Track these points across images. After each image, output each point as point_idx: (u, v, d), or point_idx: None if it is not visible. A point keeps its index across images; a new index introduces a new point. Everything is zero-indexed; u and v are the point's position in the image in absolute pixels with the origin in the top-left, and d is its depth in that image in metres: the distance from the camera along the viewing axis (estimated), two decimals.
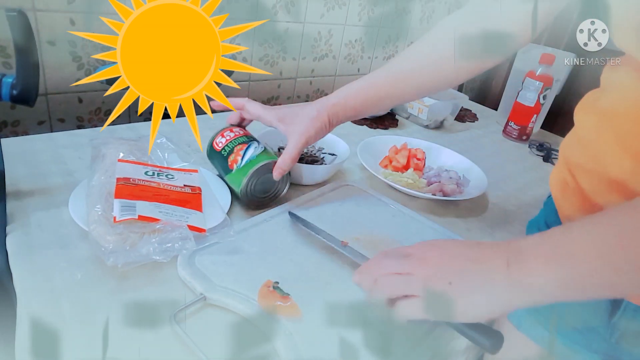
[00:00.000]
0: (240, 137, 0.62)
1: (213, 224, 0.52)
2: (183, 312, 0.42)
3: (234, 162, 0.60)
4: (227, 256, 0.49)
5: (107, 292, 0.44)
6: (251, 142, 0.61)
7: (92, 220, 0.47)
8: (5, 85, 0.48)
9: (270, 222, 0.57)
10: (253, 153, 0.60)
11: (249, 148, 0.60)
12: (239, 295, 0.44)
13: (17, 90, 0.48)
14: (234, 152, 0.60)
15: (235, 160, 0.60)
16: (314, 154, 0.75)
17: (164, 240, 0.47)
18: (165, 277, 0.47)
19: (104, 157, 0.56)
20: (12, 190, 0.56)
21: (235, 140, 0.62)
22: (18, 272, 0.45)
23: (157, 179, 0.56)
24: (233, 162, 0.60)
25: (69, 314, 0.41)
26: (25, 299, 0.42)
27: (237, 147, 0.61)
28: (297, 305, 0.44)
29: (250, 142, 0.61)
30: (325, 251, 0.53)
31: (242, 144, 0.61)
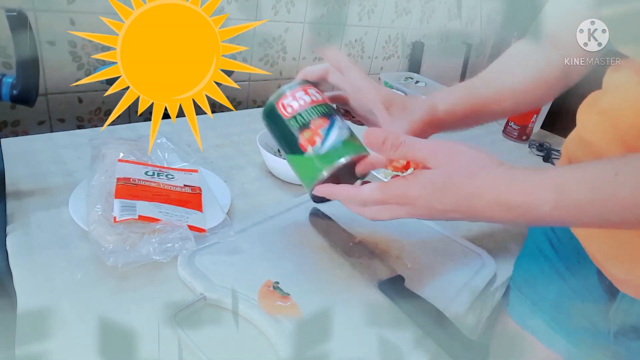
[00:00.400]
0: (320, 106, 0.45)
1: (213, 224, 0.52)
2: (183, 312, 0.42)
3: (310, 142, 0.43)
4: (227, 256, 0.49)
5: (107, 292, 0.44)
6: (334, 118, 0.44)
7: (92, 220, 0.47)
8: (5, 85, 0.48)
9: (270, 222, 0.57)
10: (339, 136, 0.43)
11: (332, 127, 0.43)
12: (239, 295, 0.44)
13: (17, 90, 0.48)
14: (311, 127, 0.43)
15: (311, 140, 0.43)
16: None
17: (164, 240, 0.47)
18: (165, 277, 0.47)
19: (104, 157, 0.56)
20: (12, 190, 0.56)
21: (313, 110, 0.44)
22: (18, 272, 0.45)
23: (157, 179, 0.56)
24: (308, 142, 0.43)
25: (69, 314, 0.41)
26: (25, 299, 0.42)
27: (316, 120, 0.43)
28: (297, 305, 0.44)
29: (333, 118, 0.44)
30: (326, 251, 0.54)
31: (323, 118, 0.44)
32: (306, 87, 0.46)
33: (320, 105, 0.45)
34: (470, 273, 0.55)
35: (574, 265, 0.53)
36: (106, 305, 0.42)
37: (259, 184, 0.69)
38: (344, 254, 0.53)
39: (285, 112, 0.45)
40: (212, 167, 0.69)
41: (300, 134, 0.44)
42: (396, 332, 0.44)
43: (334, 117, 0.44)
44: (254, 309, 0.43)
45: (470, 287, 0.53)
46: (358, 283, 0.50)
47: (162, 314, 0.41)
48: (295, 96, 0.45)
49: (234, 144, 0.82)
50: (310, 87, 0.46)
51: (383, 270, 0.51)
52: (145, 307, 0.42)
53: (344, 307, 0.46)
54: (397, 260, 0.54)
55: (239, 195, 0.65)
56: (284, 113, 0.45)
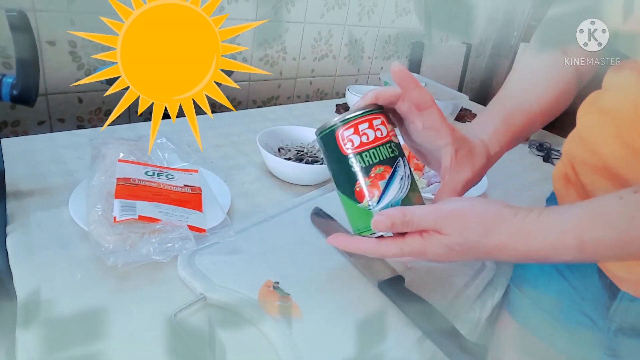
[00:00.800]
0: (384, 146, 0.39)
1: (213, 224, 0.52)
2: (183, 312, 0.42)
3: (369, 195, 0.39)
4: (227, 256, 0.49)
5: (107, 292, 0.44)
6: (397, 165, 0.39)
7: (92, 220, 0.47)
8: (5, 85, 0.48)
9: (270, 222, 0.57)
10: (398, 193, 0.39)
11: (393, 179, 0.39)
12: (239, 295, 0.44)
13: (17, 90, 0.48)
14: (370, 175, 0.39)
15: (370, 193, 0.39)
16: (314, 154, 0.75)
17: (164, 240, 0.47)
18: (165, 277, 0.47)
19: (104, 157, 0.56)
20: (12, 190, 0.56)
21: (376, 152, 0.39)
22: (18, 272, 0.45)
23: (157, 179, 0.56)
24: (364, 193, 0.39)
25: (69, 314, 0.41)
26: (25, 299, 0.42)
27: (378, 168, 0.39)
28: (297, 305, 0.44)
29: (396, 165, 0.39)
30: (326, 251, 0.54)
31: (386, 166, 0.39)
32: (372, 118, 0.39)
33: (385, 146, 0.39)
34: (470, 273, 0.55)
35: (574, 263, 0.53)
36: (106, 305, 0.42)
37: (259, 184, 0.69)
38: (344, 253, 0.53)
39: (344, 147, 0.39)
40: (212, 167, 0.69)
41: (356, 180, 0.39)
42: (396, 333, 0.44)
43: (398, 163, 0.39)
44: (254, 309, 0.43)
45: (470, 287, 0.53)
46: (358, 283, 0.50)
47: (162, 314, 0.41)
48: (358, 129, 0.39)
49: (234, 144, 0.82)
50: (376, 117, 0.40)
51: (383, 270, 0.51)
52: (145, 307, 0.42)
53: (344, 307, 0.46)
54: (397, 260, 0.54)
55: (239, 195, 0.65)
56: (343, 148, 0.39)
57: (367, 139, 0.39)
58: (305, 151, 0.75)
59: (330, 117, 0.40)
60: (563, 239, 0.34)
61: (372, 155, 0.39)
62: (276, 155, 0.71)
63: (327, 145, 0.41)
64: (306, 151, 0.75)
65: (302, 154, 0.74)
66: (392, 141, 0.40)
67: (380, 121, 0.40)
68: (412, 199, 0.40)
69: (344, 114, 0.40)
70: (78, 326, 0.40)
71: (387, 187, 0.39)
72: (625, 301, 0.47)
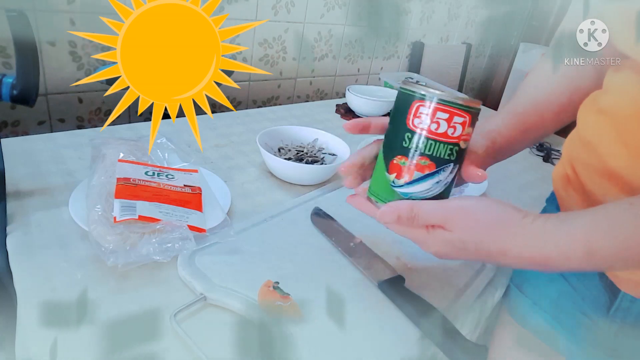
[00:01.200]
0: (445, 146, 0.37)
1: (213, 224, 0.52)
2: (183, 312, 0.42)
3: (399, 174, 0.39)
4: (227, 256, 0.49)
5: (107, 292, 0.44)
6: (444, 169, 0.38)
7: (92, 220, 0.47)
8: (5, 85, 0.48)
9: (270, 222, 0.57)
10: (426, 191, 0.39)
11: (431, 177, 0.39)
12: (239, 295, 0.44)
13: (17, 90, 0.48)
14: (415, 161, 0.38)
15: (402, 174, 0.39)
16: (314, 154, 0.75)
17: (164, 240, 0.47)
18: (165, 277, 0.47)
19: (104, 157, 0.56)
20: (12, 190, 0.56)
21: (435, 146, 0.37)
22: (18, 272, 0.45)
23: (157, 179, 0.56)
24: (396, 170, 0.39)
25: (69, 314, 0.41)
26: (25, 299, 0.42)
27: (425, 160, 0.38)
28: (297, 305, 0.44)
29: (443, 168, 0.38)
30: (326, 251, 0.54)
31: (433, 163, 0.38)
32: (457, 113, 0.36)
33: (447, 145, 0.37)
34: (470, 273, 0.55)
35: None
36: (106, 305, 0.42)
37: (259, 184, 0.69)
38: (344, 253, 0.53)
39: (411, 119, 0.37)
40: (212, 167, 0.69)
41: (400, 154, 0.38)
42: (396, 333, 0.44)
43: (445, 168, 0.38)
44: (254, 309, 0.43)
45: (470, 287, 0.53)
46: (358, 283, 0.50)
47: (162, 314, 0.41)
48: (435, 113, 0.36)
49: (234, 144, 0.82)
50: (462, 114, 0.36)
51: (383, 270, 0.51)
52: (145, 307, 0.42)
53: (344, 307, 0.46)
54: (397, 261, 0.54)
55: (239, 195, 0.65)
56: (410, 118, 0.37)
57: (436, 128, 0.36)
58: (305, 151, 0.75)
59: (420, 84, 0.38)
60: (572, 246, 0.34)
61: (429, 147, 0.37)
62: (276, 155, 0.71)
63: (400, 104, 0.39)
64: (306, 151, 0.75)
65: (302, 154, 0.74)
66: (458, 145, 0.37)
67: (462, 120, 0.37)
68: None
69: (436, 92, 0.36)
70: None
71: (418, 180, 0.38)
72: (626, 302, 0.47)
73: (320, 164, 0.74)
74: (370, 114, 1.09)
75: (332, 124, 1.05)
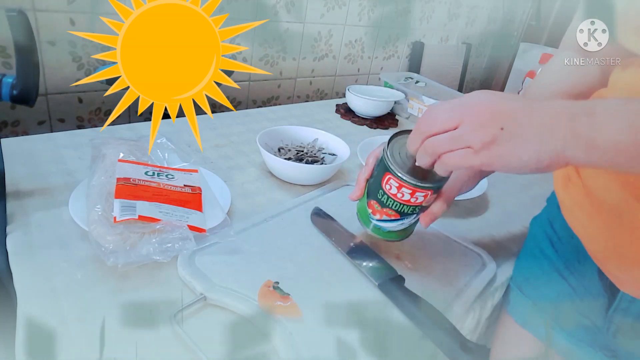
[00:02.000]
0: (408, 207, 0.47)
1: (213, 224, 0.52)
2: (183, 312, 0.42)
3: (374, 213, 0.49)
4: (227, 256, 0.49)
5: (107, 292, 0.44)
6: (406, 218, 0.48)
7: (92, 220, 0.47)
8: (5, 85, 0.48)
9: (270, 222, 0.57)
10: (392, 229, 0.50)
11: (395, 221, 0.49)
12: (239, 295, 0.44)
13: (17, 90, 0.48)
14: (384, 210, 0.48)
15: (376, 214, 0.49)
16: (314, 154, 0.75)
17: (164, 240, 0.47)
18: (165, 277, 0.47)
19: (104, 157, 0.56)
20: (12, 190, 0.56)
21: (400, 205, 0.47)
22: (18, 272, 0.45)
23: (157, 179, 0.56)
24: (373, 210, 0.49)
25: (69, 314, 0.41)
26: (25, 299, 0.42)
27: (391, 211, 0.48)
28: (297, 305, 0.44)
29: (405, 218, 0.48)
30: (326, 251, 0.54)
31: (397, 214, 0.48)
32: (418, 190, 0.45)
33: (409, 207, 0.47)
34: (471, 273, 0.55)
35: (574, 264, 0.53)
36: (106, 305, 0.42)
37: (259, 184, 0.69)
38: (344, 253, 0.53)
39: (384, 183, 0.46)
40: (212, 167, 0.69)
41: (376, 200, 0.48)
42: (395, 333, 0.44)
43: (405, 218, 0.48)
44: (254, 309, 0.43)
45: (471, 287, 0.53)
46: (358, 283, 0.50)
47: (162, 314, 0.41)
48: (400, 188, 0.45)
49: (234, 144, 0.82)
50: (423, 191, 0.45)
51: (383, 270, 0.51)
52: (145, 307, 0.42)
53: (344, 307, 0.45)
54: (397, 261, 0.54)
55: (239, 195, 0.65)
56: (383, 182, 0.46)
57: (401, 196, 0.46)
58: (305, 151, 0.75)
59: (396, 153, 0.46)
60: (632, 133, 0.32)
61: (395, 205, 0.47)
62: (276, 155, 0.71)
63: (380, 164, 0.47)
64: (306, 151, 0.75)
65: (302, 154, 0.74)
66: (420, 206, 0.47)
67: (424, 194, 0.45)
68: (395, 236, 0.50)
69: (402, 172, 0.44)
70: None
71: (386, 221, 0.49)
72: (625, 302, 0.47)
73: (320, 164, 0.74)
74: (370, 114, 1.09)
75: (332, 124, 1.05)
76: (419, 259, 0.55)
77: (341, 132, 0.98)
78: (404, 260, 0.54)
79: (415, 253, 0.56)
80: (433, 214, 0.47)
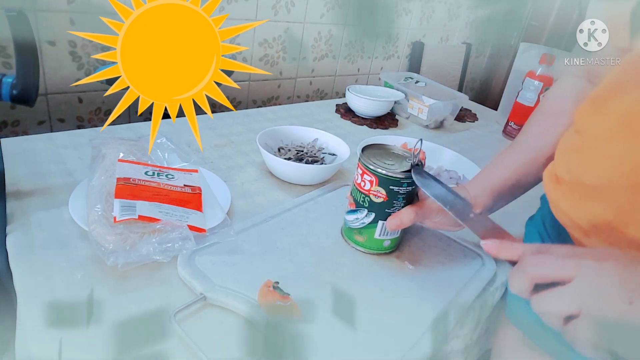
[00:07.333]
0: (361, 195, 0.52)
1: (213, 224, 0.52)
2: (183, 312, 0.42)
3: (350, 204, 0.54)
4: (227, 256, 0.49)
5: (107, 292, 0.44)
6: (362, 211, 0.53)
7: (92, 220, 0.47)
8: (5, 85, 0.48)
9: (270, 222, 0.57)
10: (353, 221, 0.54)
11: (351, 213, 0.54)
12: (239, 295, 0.44)
13: (17, 90, 0.48)
14: (350, 195, 0.54)
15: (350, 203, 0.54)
16: (314, 154, 0.75)
17: (164, 240, 0.47)
18: (165, 277, 0.47)
19: (104, 157, 0.56)
20: (12, 190, 0.56)
21: (358, 193, 0.53)
22: (18, 272, 0.45)
23: (157, 179, 0.56)
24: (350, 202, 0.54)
25: (69, 313, 0.41)
26: (25, 299, 0.42)
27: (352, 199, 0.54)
28: (297, 305, 0.44)
29: (361, 209, 0.53)
30: (325, 251, 0.54)
31: (352, 203, 0.54)
32: (366, 172, 0.50)
33: (359, 193, 0.52)
34: (471, 273, 0.55)
35: None
36: (106, 305, 0.42)
37: (259, 184, 0.69)
38: (344, 253, 0.53)
39: (356, 174, 0.53)
40: (212, 167, 0.69)
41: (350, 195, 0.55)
42: (395, 333, 0.44)
43: (358, 210, 0.52)
44: (254, 309, 0.43)
45: (470, 287, 0.53)
46: (358, 283, 0.50)
47: (162, 314, 0.41)
48: (357, 168, 0.52)
49: (234, 144, 0.82)
50: (369, 174, 0.50)
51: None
52: (145, 307, 0.42)
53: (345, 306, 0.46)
54: (397, 260, 0.54)
55: (239, 195, 0.65)
56: (355, 173, 0.53)
57: (357, 180, 0.52)
58: (305, 151, 0.75)
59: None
60: None
61: (352, 190, 0.54)
62: (276, 155, 0.71)
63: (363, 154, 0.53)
64: (306, 151, 0.75)
65: (302, 154, 0.74)
66: (369, 197, 0.51)
67: (370, 179, 0.50)
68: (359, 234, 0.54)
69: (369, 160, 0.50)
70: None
71: (347, 212, 0.54)
72: None
73: (320, 164, 0.74)
74: (370, 114, 1.09)
75: (332, 124, 1.05)
76: (419, 259, 0.55)
77: (341, 132, 0.98)
78: (404, 261, 0.54)
79: (416, 253, 0.56)
80: (399, 218, 0.50)
